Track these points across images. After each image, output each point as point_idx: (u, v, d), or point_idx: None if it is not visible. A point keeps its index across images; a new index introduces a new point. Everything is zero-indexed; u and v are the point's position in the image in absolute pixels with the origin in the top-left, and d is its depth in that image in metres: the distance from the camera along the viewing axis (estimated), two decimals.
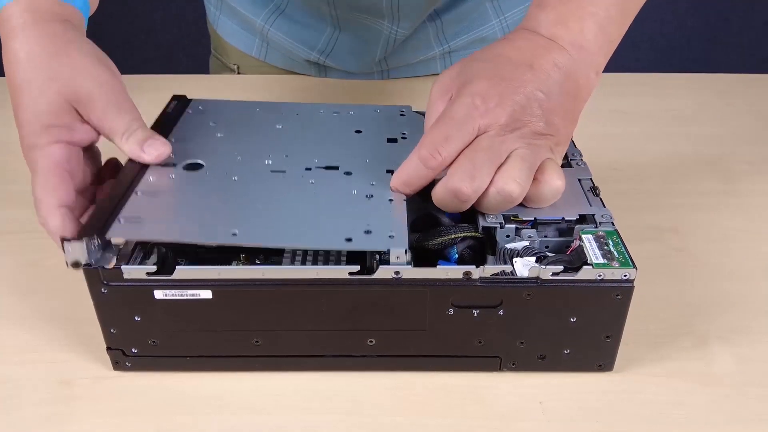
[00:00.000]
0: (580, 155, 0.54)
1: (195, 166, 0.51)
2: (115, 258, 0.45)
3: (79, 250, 0.43)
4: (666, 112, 0.85)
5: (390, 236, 0.44)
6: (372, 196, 0.48)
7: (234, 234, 0.43)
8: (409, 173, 0.46)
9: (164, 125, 0.55)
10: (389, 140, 0.55)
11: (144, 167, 0.50)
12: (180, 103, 0.59)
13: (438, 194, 0.46)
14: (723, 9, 2.07)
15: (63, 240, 0.43)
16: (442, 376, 0.48)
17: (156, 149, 0.49)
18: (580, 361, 0.47)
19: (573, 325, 0.45)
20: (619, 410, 0.46)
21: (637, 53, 2.10)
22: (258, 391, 0.47)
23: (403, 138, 0.55)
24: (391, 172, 0.48)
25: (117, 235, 0.44)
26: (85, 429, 0.44)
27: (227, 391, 0.47)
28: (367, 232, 0.44)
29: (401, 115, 0.59)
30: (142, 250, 0.46)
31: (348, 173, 0.50)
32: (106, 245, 0.44)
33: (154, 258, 0.46)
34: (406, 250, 0.43)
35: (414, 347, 0.47)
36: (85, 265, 0.43)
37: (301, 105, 0.61)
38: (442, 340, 0.46)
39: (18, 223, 0.65)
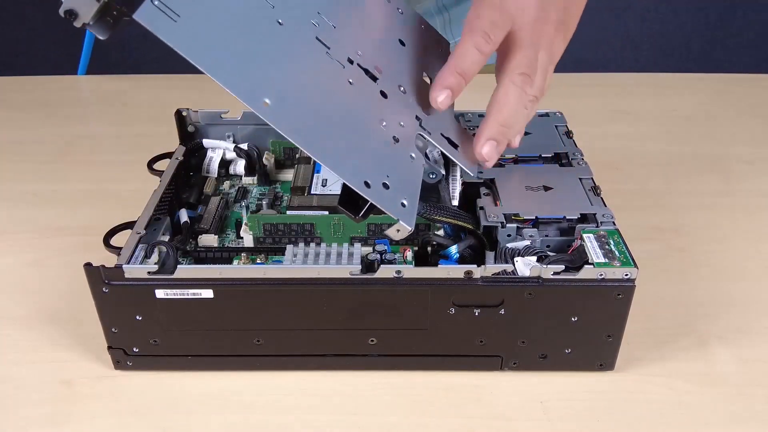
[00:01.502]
0: (581, 155, 0.54)
1: None
2: (109, 32, 0.37)
3: (86, 4, 0.36)
4: (666, 112, 0.85)
5: (402, 204, 0.42)
6: (398, 141, 0.45)
7: (266, 103, 0.38)
8: (466, 61, 0.46)
9: None
10: (428, 79, 0.52)
11: None
12: None
13: (505, 95, 0.46)
14: (723, 9, 2.06)
15: None
16: (444, 375, 0.48)
17: None
18: (581, 361, 0.47)
19: (574, 324, 0.45)
20: (619, 410, 0.46)
21: (637, 53, 2.10)
22: (258, 391, 0.47)
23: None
24: (419, 120, 0.47)
25: (143, 18, 0.36)
26: (85, 429, 0.44)
27: (227, 391, 0.47)
28: (385, 185, 0.42)
29: (440, 50, 0.57)
30: (143, 250, 0.46)
31: (384, 95, 0.47)
32: (108, 13, 0.37)
33: (155, 257, 0.46)
34: (409, 231, 0.42)
35: (415, 346, 0.47)
36: (82, 24, 0.37)
37: None
38: (444, 340, 0.46)
39: (18, 223, 0.65)
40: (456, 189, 0.49)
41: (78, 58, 1.10)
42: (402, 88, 0.48)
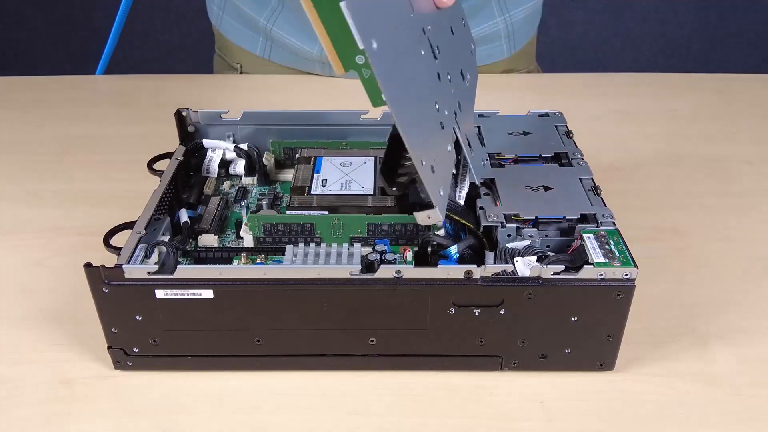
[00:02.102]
0: (581, 155, 0.54)
1: None
2: None
3: None
4: (666, 112, 0.85)
5: (440, 192, 0.42)
6: (443, 127, 0.45)
7: (374, 46, 0.37)
8: None
9: None
10: (462, 74, 0.51)
11: None
12: None
13: None
14: (723, 9, 2.07)
15: None
16: (444, 375, 0.48)
17: None
18: (581, 361, 0.47)
19: (574, 324, 0.45)
20: (619, 410, 0.46)
21: (637, 53, 2.10)
22: (258, 391, 0.47)
23: (466, 83, 0.52)
24: (456, 114, 0.47)
25: None
26: (85, 429, 0.44)
27: (227, 391, 0.47)
28: (432, 169, 0.42)
29: (471, 53, 0.55)
30: (143, 250, 0.46)
31: (438, 77, 0.46)
32: None
33: (155, 257, 0.46)
34: (439, 221, 0.42)
35: (415, 346, 0.47)
36: None
37: None
38: (444, 340, 0.46)
39: (18, 223, 0.65)
40: (464, 190, 0.49)
41: (78, 58, 1.11)
42: (449, 77, 0.47)
